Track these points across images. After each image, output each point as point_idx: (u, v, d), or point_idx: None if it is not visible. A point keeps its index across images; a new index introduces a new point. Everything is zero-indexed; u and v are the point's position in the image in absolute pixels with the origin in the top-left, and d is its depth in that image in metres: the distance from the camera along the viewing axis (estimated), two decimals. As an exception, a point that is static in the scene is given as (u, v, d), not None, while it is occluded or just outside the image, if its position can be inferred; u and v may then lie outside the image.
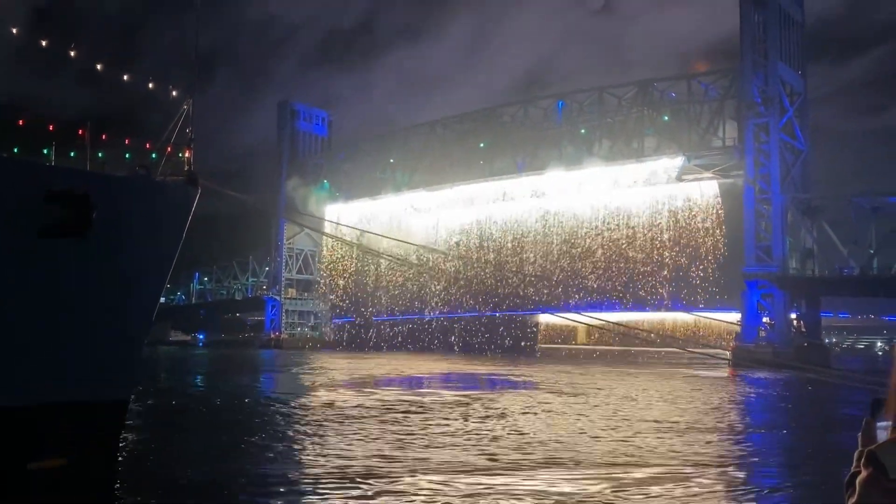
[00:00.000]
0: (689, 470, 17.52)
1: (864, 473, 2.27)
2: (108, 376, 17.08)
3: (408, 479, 15.68)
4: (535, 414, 28.60)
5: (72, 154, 18.03)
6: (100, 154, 18.32)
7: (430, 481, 15.49)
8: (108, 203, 16.22)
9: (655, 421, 26.83)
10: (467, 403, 31.66)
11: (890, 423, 2.39)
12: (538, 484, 15.64)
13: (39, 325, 15.97)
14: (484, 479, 15.85)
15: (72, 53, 20.15)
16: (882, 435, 2.40)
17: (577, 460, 18.32)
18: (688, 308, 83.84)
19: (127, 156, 19.21)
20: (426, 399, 33.70)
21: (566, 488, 15.21)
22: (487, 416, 27.27)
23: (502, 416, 27.52)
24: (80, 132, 17.50)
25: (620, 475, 16.63)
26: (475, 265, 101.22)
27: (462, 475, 16.14)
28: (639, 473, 16.98)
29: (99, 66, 20.58)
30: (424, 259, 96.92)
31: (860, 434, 2.50)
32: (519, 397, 36.38)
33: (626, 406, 32.69)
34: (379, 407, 29.76)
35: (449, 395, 36.75)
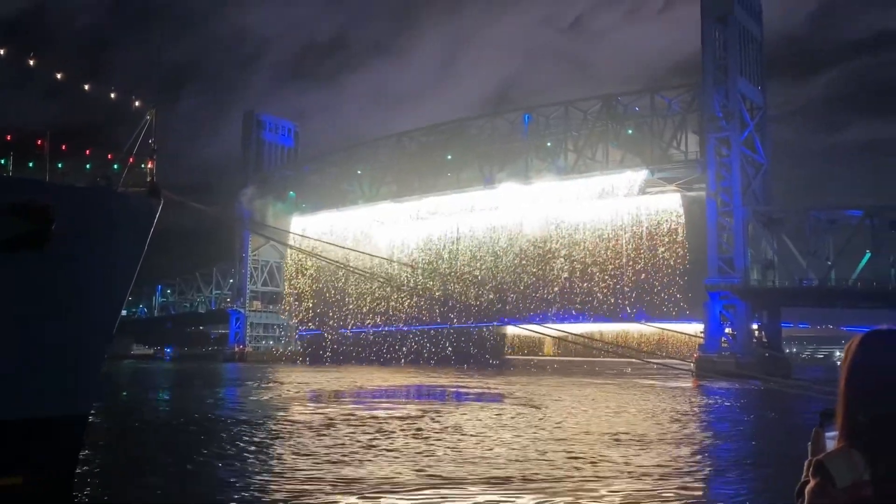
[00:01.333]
0: (618, 485, 17.29)
1: (812, 483, 2.32)
2: (67, 391, 16.69)
3: (331, 499, 15.33)
4: (487, 427, 28.31)
5: (30, 165, 17.66)
6: (59, 165, 17.96)
7: (355, 500, 15.18)
8: (68, 215, 15.91)
9: (609, 433, 26.75)
10: (419, 417, 31.31)
11: (837, 433, 2.45)
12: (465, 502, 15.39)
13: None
14: (408, 498, 15.44)
15: (31, 62, 19.77)
16: (830, 445, 2.46)
17: (511, 476, 17.94)
18: (652, 319, 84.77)
19: (87, 167, 18.87)
20: (380, 413, 33.28)
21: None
22: (436, 431, 26.85)
23: (451, 430, 27.14)
24: (39, 142, 17.16)
25: (549, 491, 16.28)
26: (441, 277, 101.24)
27: (389, 494, 15.76)
28: (569, 487, 16.67)
29: (60, 76, 20.23)
30: (391, 271, 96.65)
31: (810, 444, 2.55)
32: (474, 410, 36.13)
33: (581, 418, 32.53)
34: (327, 422, 29.17)
35: (403, 408, 36.36)
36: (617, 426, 29.20)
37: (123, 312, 19.70)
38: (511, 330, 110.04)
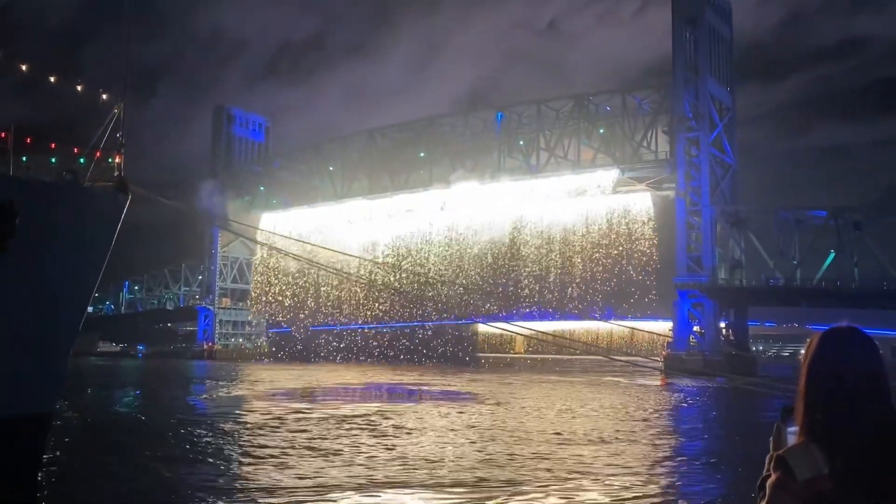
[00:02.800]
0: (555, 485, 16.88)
1: (773, 476, 2.37)
2: (30, 390, 16.39)
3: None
4: (439, 427, 27.70)
5: (-7, 158, 17.27)
6: (24, 159, 17.60)
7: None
8: (32, 210, 15.60)
9: (569, 432, 26.43)
10: (371, 416, 30.79)
11: (798, 428, 2.50)
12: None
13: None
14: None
15: (-5, 54, 19.34)
16: (791, 440, 2.51)
17: (445, 480, 17.31)
18: (622, 318, 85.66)
19: (53, 161, 18.52)
20: (332, 412, 32.63)
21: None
22: (382, 431, 26.21)
23: (399, 429, 26.47)
24: (3, 135, 16.81)
25: (484, 494, 15.81)
26: (412, 275, 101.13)
27: (306, 499, 15.19)
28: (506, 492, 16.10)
29: (24, 67, 19.82)
30: (362, 269, 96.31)
31: (771, 439, 2.60)
32: (432, 408, 35.66)
33: (543, 417, 32.16)
34: (274, 423, 28.44)
35: (358, 407, 35.82)
36: (579, 425, 29.06)
37: (90, 309, 19.38)
38: (482, 328, 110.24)
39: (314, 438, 24.01)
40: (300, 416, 31.19)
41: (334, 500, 14.95)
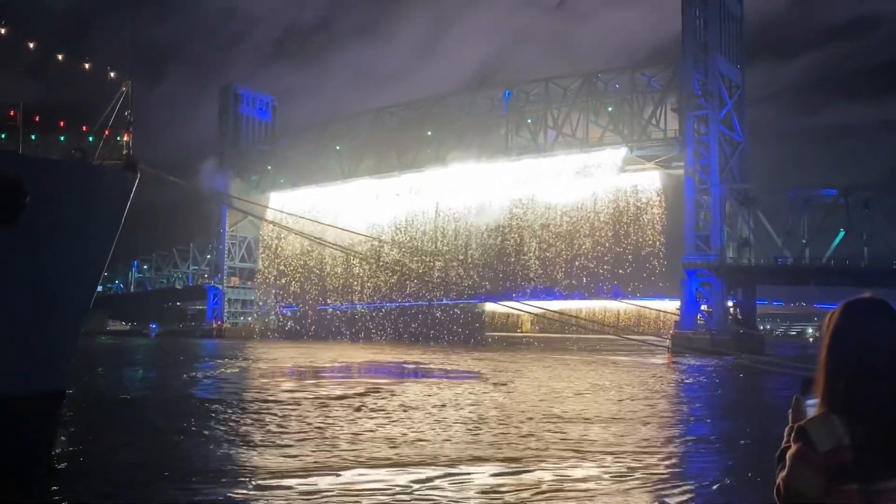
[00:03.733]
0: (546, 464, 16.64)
1: (793, 448, 2.37)
2: (43, 368, 16.56)
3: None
4: (429, 406, 27.41)
5: (2, 137, 17.30)
6: (32, 137, 17.61)
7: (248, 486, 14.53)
8: (41, 188, 15.66)
9: (570, 411, 26.21)
10: (365, 395, 30.54)
11: (818, 400, 2.49)
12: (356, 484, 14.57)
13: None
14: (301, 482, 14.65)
15: (1, 31, 19.28)
16: (811, 412, 2.50)
17: (438, 459, 17.08)
18: (629, 297, 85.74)
19: (62, 139, 18.52)
20: (331, 391, 32.55)
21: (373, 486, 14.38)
22: (375, 410, 25.98)
23: (387, 409, 26.15)
24: (12, 113, 16.80)
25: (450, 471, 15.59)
26: (420, 254, 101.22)
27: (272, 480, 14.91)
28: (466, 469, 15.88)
29: (32, 46, 19.77)
30: (370, 248, 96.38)
31: (790, 411, 2.59)
32: (424, 387, 35.41)
33: (541, 396, 31.89)
34: (268, 401, 28.36)
35: (356, 385, 35.73)
36: (580, 404, 28.85)
37: (99, 288, 19.47)
38: (489, 307, 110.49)
39: (305, 418, 23.83)
40: (297, 394, 31.18)
41: (314, 483, 14.69)
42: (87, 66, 20.49)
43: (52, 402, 16.76)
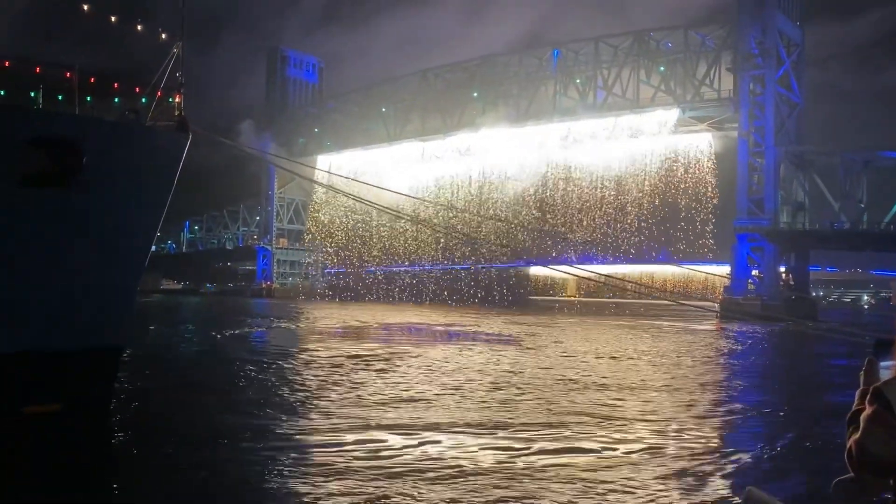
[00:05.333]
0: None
1: (868, 410, 2.28)
2: (102, 324, 17.09)
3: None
4: (464, 368, 27.02)
5: (60, 98, 17.64)
6: (88, 99, 17.93)
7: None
8: (98, 148, 16.00)
9: (600, 377, 25.78)
10: (385, 358, 30.25)
11: (894, 362, 2.40)
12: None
13: (33, 273, 15.89)
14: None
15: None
16: (885, 374, 2.41)
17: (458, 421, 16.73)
18: (677, 261, 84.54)
19: (115, 101, 18.82)
20: (362, 351, 32.50)
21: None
22: (385, 371, 25.65)
23: (404, 369, 25.91)
24: (68, 75, 17.12)
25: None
26: (466, 217, 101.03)
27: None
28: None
29: (86, 8, 20.05)
30: (416, 210, 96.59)
31: (862, 373, 2.51)
32: (446, 352, 34.48)
33: (576, 361, 30.95)
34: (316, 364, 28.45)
35: (392, 346, 35.71)
36: (617, 370, 28.31)
37: (153, 248, 19.91)
38: (534, 271, 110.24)
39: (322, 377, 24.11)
40: (333, 354, 31.58)
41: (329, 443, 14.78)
42: (139, 28, 20.73)
43: (111, 357, 17.34)
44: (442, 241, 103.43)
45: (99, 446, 14.79)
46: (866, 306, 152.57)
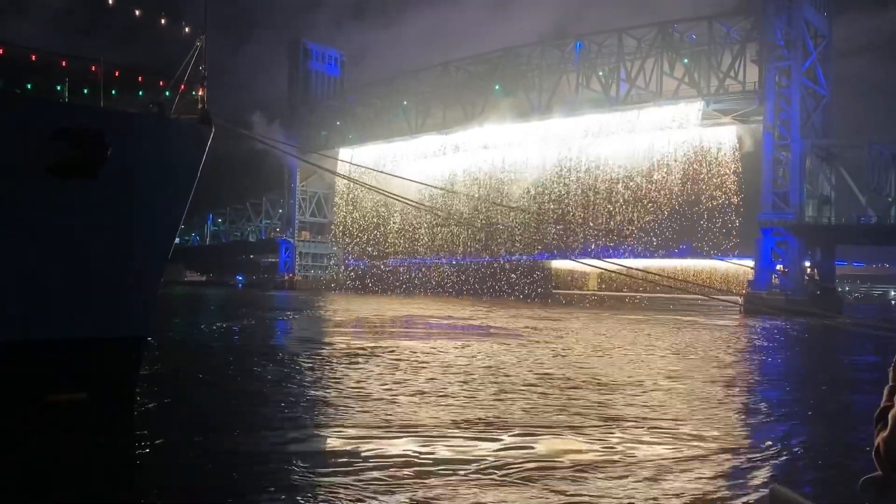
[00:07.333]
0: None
1: (896, 408, 2.24)
2: (126, 314, 17.30)
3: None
4: (435, 362, 26.64)
5: (85, 91, 17.84)
6: (113, 92, 18.10)
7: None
8: (122, 141, 16.17)
9: (603, 375, 25.21)
10: (416, 351, 30.10)
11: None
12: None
13: (58, 262, 16.11)
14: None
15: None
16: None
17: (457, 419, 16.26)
18: (700, 255, 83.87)
19: (140, 93, 18.99)
20: (370, 345, 32.27)
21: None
22: (374, 369, 24.81)
23: (393, 368, 25.20)
24: (93, 68, 17.29)
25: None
26: (486, 207, 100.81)
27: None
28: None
29: (111, 1, 20.23)
30: (438, 203, 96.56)
31: (891, 369, 2.46)
32: (447, 343, 34.17)
33: (589, 355, 30.41)
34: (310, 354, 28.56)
35: (379, 342, 34.57)
36: (636, 365, 28.07)
37: (177, 240, 20.10)
38: (555, 264, 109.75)
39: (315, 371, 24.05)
40: (336, 350, 31.62)
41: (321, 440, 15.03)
42: (163, 22, 20.88)
43: (135, 347, 17.55)
44: (467, 233, 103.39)
45: (124, 433, 14.97)
46: (893, 301, 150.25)
